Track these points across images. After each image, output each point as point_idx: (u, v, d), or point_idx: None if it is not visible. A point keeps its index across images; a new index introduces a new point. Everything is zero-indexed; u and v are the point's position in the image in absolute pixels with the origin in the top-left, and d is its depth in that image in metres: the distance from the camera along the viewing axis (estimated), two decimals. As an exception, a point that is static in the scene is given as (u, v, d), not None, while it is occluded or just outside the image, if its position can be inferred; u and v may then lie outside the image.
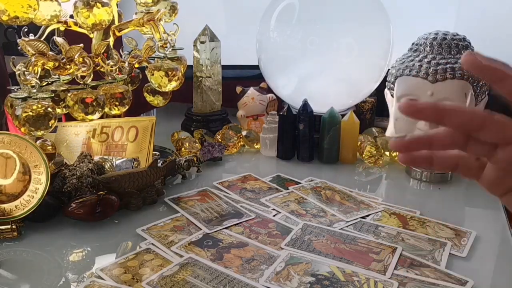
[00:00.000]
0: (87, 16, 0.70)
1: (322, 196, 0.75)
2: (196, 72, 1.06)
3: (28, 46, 0.68)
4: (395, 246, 0.59)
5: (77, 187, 0.66)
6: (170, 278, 0.51)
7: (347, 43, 0.91)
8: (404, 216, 0.69)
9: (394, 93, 0.90)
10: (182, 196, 0.74)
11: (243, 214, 0.68)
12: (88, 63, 0.74)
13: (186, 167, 0.81)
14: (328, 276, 0.53)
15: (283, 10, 0.94)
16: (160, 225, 0.65)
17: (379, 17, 0.92)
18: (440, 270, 0.55)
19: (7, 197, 0.63)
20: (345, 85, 0.95)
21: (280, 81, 1.00)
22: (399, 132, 0.90)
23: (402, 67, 0.87)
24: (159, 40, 0.78)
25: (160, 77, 0.78)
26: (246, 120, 1.05)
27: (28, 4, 0.62)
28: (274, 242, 0.60)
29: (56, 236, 0.63)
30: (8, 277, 0.54)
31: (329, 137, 0.89)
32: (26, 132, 0.65)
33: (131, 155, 0.79)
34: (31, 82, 0.65)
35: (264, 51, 0.99)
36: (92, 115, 0.74)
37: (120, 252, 0.59)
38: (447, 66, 0.82)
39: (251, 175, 0.84)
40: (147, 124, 0.80)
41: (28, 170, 0.63)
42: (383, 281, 0.52)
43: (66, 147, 0.81)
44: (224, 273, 0.53)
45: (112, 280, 0.52)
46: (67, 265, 0.56)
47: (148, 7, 0.79)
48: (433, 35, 0.86)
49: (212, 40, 1.03)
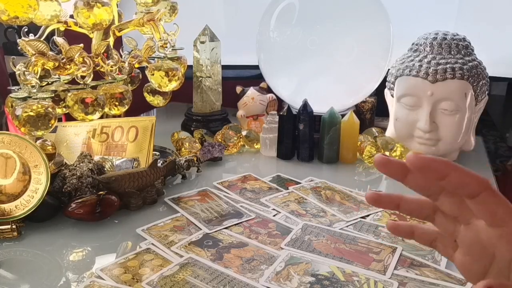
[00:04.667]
0: (87, 16, 0.70)
1: (322, 196, 0.75)
2: (196, 72, 1.06)
3: (28, 46, 0.68)
4: (395, 246, 0.59)
5: (77, 187, 0.66)
6: (170, 278, 0.51)
7: (347, 43, 0.91)
8: (404, 216, 0.69)
9: (394, 93, 0.90)
10: (182, 196, 0.74)
11: (243, 214, 0.68)
12: (88, 63, 0.74)
13: (186, 167, 0.81)
14: (328, 276, 0.53)
15: (283, 10, 0.94)
16: (160, 225, 0.65)
17: (379, 17, 0.92)
18: (440, 270, 0.55)
19: (7, 197, 0.63)
20: (345, 85, 0.95)
21: (280, 81, 1.00)
22: (399, 132, 0.90)
23: (402, 67, 0.87)
24: (159, 40, 0.78)
25: (160, 77, 0.78)
26: (246, 120, 1.05)
27: (28, 4, 0.62)
28: (274, 242, 0.60)
29: (56, 236, 0.63)
30: (8, 277, 0.54)
31: (329, 137, 0.89)
32: (26, 132, 0.65)
33: (131, 155, 0.79)
34: (31, 82, 0.65)
35: (264, 51, 0.99)
36: (92, 115, 0.74)
37: (120, 252, 0.59)
38: (447, 66, 0.82)
39: (251, 175, 0.84)
40: (147, 124, 0.80)
41: (28, 170, 0.63)
42: (383, 281, 0.52)
43: (66, 147, 0.81)
44: (224, 273, 0.53)
45: (112, 280, 0.52)
46: (67, 265, 0.56)
47: (148, 7, 0.79)
48: (433, 35, 0.86)
49: (212, 40, 1.03)
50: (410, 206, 0.36)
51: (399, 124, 0.89)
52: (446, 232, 0.36)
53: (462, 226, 0.34)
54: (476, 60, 0.85)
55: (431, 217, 0.36)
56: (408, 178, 0.32)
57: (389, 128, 0.95)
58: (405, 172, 0.31)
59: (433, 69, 0.82)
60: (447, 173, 0.29)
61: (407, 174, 0.32)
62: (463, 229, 0.34)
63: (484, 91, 0.86)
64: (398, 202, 0.36)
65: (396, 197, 0.36)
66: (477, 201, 0.30)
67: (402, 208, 0.36)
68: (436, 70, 0.82)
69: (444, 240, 0.37)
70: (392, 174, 0.32)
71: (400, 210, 0.36)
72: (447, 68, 0.81)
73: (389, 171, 0.32)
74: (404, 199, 0.36)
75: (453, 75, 0.81)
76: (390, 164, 0.31)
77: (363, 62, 0.92)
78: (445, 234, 0.36)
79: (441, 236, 0.37)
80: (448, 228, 0.35)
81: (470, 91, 0.82)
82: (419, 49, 0.87)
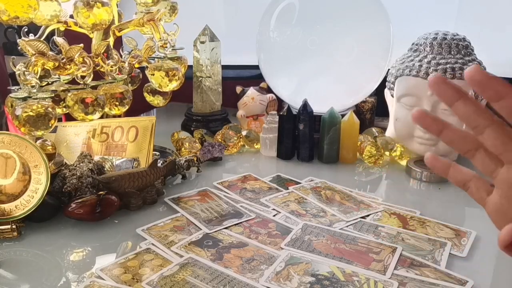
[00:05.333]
0: (87, 16, 0.70)
1: (322, 196, 0.75)
2: (196, 72, 1.06)
3: (28, 46, 0.68)
4: (395, 246, 0.59)
5: (77, 187, 0.66)
6: (170, 278, 0.51)
7: (347, 43, 0.91)
8: (404, 216, 0.69)
9: (394, 93, 0.90)
10: (182, 196, 0.74)
11: (243, 214, 0.68)
12: (88, 63, 0.74)
13: (186, 167, 0.81)
14: (328, 276, 0.53)
15: (283, 10, 0.94)
16: (160, 225, 0.65)
17: (379, 17, 0.92)
18: (440, 270, 0.55)
19: (7, 197, 0.62)
20: (345, 85, 0.95)
21: (280, 81, 1.00)
22: (399, 132, 0.90)
23: (402, 67, 0.87)
24: (159, 40, 0.78)
25: (161, 77, 0.78)
26: (246, 120, 1.05)
27: (28, 4, 0.62)
28: (274, 242, 0.60)
29: (56, 236, 0.63)
30: (8, 277, 0.54)
31: (329, 137, 0.89)
32: (26, 132, 0.65)
33: (131, 155, 0.79)
34: (31, 82, 0.65)
35: (264, 51, 0.99)
36: (92, 115, 0.74)
37: (120, 252, 0.59)
38: (447, 66, 0.82)
39: (251, 175, 0.84)
40: (147, 124, 0.80)
41: (28, 170, 0.63)
42: (383, 281, 0.52)
43: (66, 147, 0.81)
44: (224, 273, 0.53)
45: (112, 280, 0.52)
46: (67, 265, 0.56)
47: (148, 7, 0.79)
48: (433, 35, 0.86)
49: (212, 40, 1.03)
50: (453, 134, 0.34)
51: (399, 124, 0.89)
52: (486, 171, 0.34)
53: (504, 166, 0.32)
54: (476, 60, 0.85)
55: (471, 152, 0.34)
56: (459, 103, 0.31)
57: (389, 128, 0.95)
58: (458, 96, 0.30)
59: (433, 69, 0.82)
60: (505, 94, 0.28)
61: (459, 99, 0.30)
62: (505, 169, 0.32)
63: (484, 91, 0.85)
64: (442, 127, 0.34)
65: (441, 122, 0.34)
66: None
67: (445, 134, 0.34)
68: (436, 70, 0.82)
69: (478, 182, 0.35)
70: (443, 95, 0.30)
71: (442, 136, 0.34)
72: (447, 68, 0.82)
73: (442, 91, 0.30)
74: (448, 126, 0.34)
75: (453, 75, 0.81)
76: (445, 84, 0.30)
77: (363, 62, 0.92)
78: (482, 174, 0.35)
79: (476, 178, 0.36)
80: (489, 167, 0.34)
81: (470, 91, 0.82)
82: (419, 49, 0.87)
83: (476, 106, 0.30)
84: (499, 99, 0.28)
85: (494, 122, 0.31)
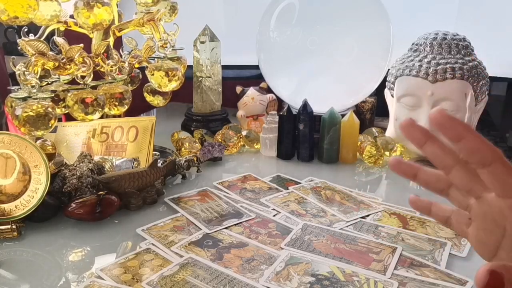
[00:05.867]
0: (87, 16, 0.70)
1: (322, 196, 0.75)
2: (196, 72, 1.06)
3: (28, 46, 0.68)
4: (395, 246, 0.59)
5: (77, 187, 0.66)
6: (170, 278, 0.51)
7: (347, 43, 0.91)
8: (404, 216, 0.69)
9: (394, 93, 0.90)
10: (182, 196, 0.74)
11: (243, 214, 0.68)
12: (88, 63, 0.74)
13: (186, 167, 0.81)
14: (328, 276, 0.53)
15: (283, 10, 0.94)
16: (160, 225, 0.65)
17: (379, 17, 0.92)
18: (440, 270, 0.55)
19: (7, 197, 0.63)
20: (345, 85, 0.95)
21: (280, 81, 1.00)
22: (399, 132, 0.90)
23: (402, 67, 0.87)
24: (159, 40, 0.78)
25: (160, 77, 0.78)
26: (246, 120, 1.05)
27: (28, 4, 0.62)
28: (274, 242, 0.60)
29: (56, 236, 0.63)
30: (8, 277, 0.54)
31: (329, 137, 0.89)
32: (26, 132, 0.65)
33: (131, 155, 0.79)
34: (31, 82, 0.65)
35: (264, 51, 0.99)
36: (92, 115, 0.74)
37: (120, 252, 0.59)
38: (447, 66, 0.82)
39: (251, 175, 0.84)
40: (147, 124, 0.80)
41: (28, 170, 0.63)
42: (383, 281, 0.52)
43: (66, 147, 0.81)
44: (224, 273, 0.53)
45: (112, 280, 0.52)
46: (67, 265, 0.56)
47: (148, 7, 0.79)
48: (433, 35, 0.86)
49: (212, 40, 1.03)
50: (427, 177, 0.36)
51: (399, 124, 0.89)
52: (461, 206, 0.36)
53: (474, 200, 0.34)
54: (476, 60, 0.85)
55: (445, 191, 0.37)
56: (427, 145, 0.32)
57: (389, 128, 0.95)
58: (425, 138, 0.32)
59: (433, 69, 0.82)
60: (464, 135, 0.30)
61: (427, 141, 0.32)
62: (475, 203, 0.34)
63: (484, 91, 0.85)
64: (416, 172, 0.36)
65: (416, 166, 0.36)
66: (488, 171, 0.30)
67: (420, 178, 0.36)
68: (436, 70, 0.82)
69: (458, 217, 0.37)
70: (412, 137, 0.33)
71: (417, 179, 0.37)
72: (447, 68, 0.81)
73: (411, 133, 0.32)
74: (422, 170, 0.36)
75: (453, 75, 0.81)
76: (414, 127, 0.32)
77: (363, 62, 0.92)
78: (459, 210, 0.37)
79: (455, 213, 0.38)
80: (463, 202, 0.36)
81: (470, 91, 0.82)
82: (419, 49, 0.87)
83: (442, 147, 0.33)
84: (459, 140, 0.30)
85: (459, 162, 0.33)
